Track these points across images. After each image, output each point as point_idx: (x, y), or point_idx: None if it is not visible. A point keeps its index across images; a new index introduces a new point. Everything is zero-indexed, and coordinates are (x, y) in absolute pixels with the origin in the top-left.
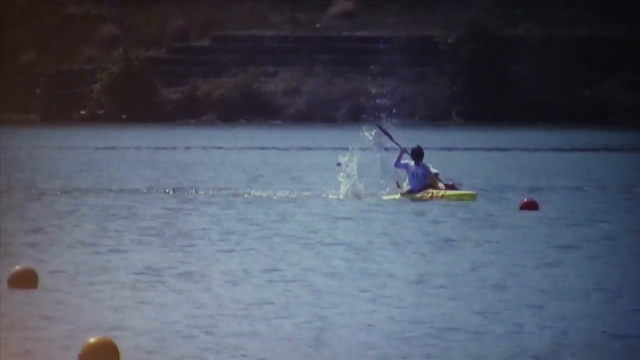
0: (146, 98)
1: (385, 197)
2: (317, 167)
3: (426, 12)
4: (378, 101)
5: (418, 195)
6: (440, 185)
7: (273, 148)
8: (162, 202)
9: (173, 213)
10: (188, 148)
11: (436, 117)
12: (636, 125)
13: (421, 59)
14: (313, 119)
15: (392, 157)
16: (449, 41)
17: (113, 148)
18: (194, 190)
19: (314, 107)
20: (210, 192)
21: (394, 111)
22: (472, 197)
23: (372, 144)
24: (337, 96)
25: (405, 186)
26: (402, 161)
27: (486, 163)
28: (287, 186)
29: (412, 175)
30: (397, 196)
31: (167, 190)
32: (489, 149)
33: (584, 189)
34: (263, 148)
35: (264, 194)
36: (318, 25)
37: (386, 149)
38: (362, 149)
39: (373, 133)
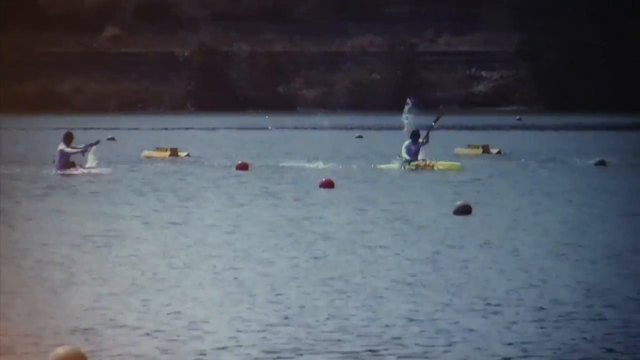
0: None
1: (384, 166)
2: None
3: (169, 35)
4: (136, 96)
5: (413, 164)
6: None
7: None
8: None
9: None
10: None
11: (176, 107)
12: (313, 111)
13: (166, 67)
14: (93, 109)
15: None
16: (185, 55)
17: None
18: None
19: (93, 101)
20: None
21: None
22: (457, 168)
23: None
24: (109, 93)
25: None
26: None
27: (222, 139)
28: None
29: (410, 150)
30: (397, 165)
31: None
32: (225, 128)
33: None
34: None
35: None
36: (95, 44)
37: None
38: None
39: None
